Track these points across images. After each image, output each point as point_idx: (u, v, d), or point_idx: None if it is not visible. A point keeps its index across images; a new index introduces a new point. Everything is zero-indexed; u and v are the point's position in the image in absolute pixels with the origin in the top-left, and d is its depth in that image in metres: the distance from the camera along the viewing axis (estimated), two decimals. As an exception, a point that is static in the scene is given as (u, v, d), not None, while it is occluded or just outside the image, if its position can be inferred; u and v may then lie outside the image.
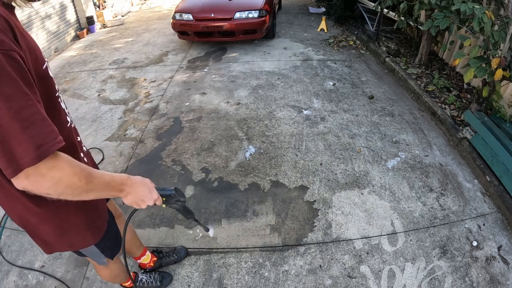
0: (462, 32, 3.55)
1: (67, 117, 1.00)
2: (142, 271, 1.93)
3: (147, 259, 1.86)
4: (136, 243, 1.76)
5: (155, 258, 1.92)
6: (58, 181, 0.77)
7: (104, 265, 1.37)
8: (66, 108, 1.05)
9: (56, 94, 0.94)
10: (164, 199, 1.09)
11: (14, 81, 0.68)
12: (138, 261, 1.87)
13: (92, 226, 1.17)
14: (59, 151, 0.78)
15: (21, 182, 0.74)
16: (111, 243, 1.31)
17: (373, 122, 3.30)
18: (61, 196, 0.81)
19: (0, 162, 0.71)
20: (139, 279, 1.80)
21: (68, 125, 1.01)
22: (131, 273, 1.78)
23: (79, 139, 1.13)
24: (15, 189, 0.78)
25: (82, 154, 1.12)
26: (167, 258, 1.97)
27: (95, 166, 1.37)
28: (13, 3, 0.83)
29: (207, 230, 1.38)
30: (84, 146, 1.19)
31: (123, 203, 1.02)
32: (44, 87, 0.84)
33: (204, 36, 5.20)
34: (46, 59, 0.89)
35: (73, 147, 1.03)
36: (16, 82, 0.69)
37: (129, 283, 1.74)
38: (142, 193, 0.99)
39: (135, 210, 1.08)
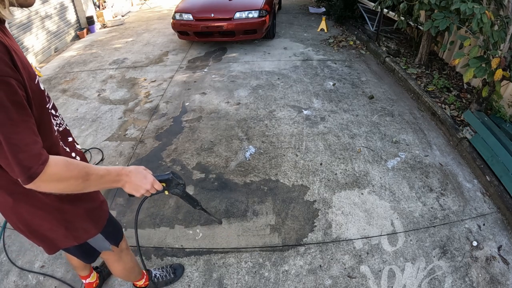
0: (462, 32, 3.55)
1: (54, 126, 1.05)
2: (155, 267, 1.93)
3: (92, 278, 1.76)
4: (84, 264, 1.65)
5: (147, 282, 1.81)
6: (58, 183, 0.87)
7: (109, 250, 1.37)
8: (57, 113, 1.09)
9: (47, 106, 1.00)
10: (164, 184, 1.14)
11: (5, 109, 0.74)
12: (85, 280, 1.75)
13: (94, 215, 1.20)
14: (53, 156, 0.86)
15: (27, 185, 0.84)
16: (113, 228, 1.34)
17: (373, 122, 3.30)
18: (62, 193, 0.93)
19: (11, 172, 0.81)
20: (153, 275, 1.81)
21: (56, 134, 1.04)
22: (144, 272, 1.75)
23: (70, 140, 1.16)
24: (23, 188, 0.85)
25: (74, 154, 1.15)
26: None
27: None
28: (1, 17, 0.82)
29: (220, 222, 1.39)
30: (77, 144, 1.22)
31: (129, 196, 1.10)
32: (36, 100, 0.90)
33: (204, 36, 5.20)
34: (37, 74, 0.94)
35: (58, 152, 1.05)
36: (7, 110, 0.74)
37: (142, 282, 1.73)
38: (137, 180, 1.06)
39: (143, 200, 1.15)
